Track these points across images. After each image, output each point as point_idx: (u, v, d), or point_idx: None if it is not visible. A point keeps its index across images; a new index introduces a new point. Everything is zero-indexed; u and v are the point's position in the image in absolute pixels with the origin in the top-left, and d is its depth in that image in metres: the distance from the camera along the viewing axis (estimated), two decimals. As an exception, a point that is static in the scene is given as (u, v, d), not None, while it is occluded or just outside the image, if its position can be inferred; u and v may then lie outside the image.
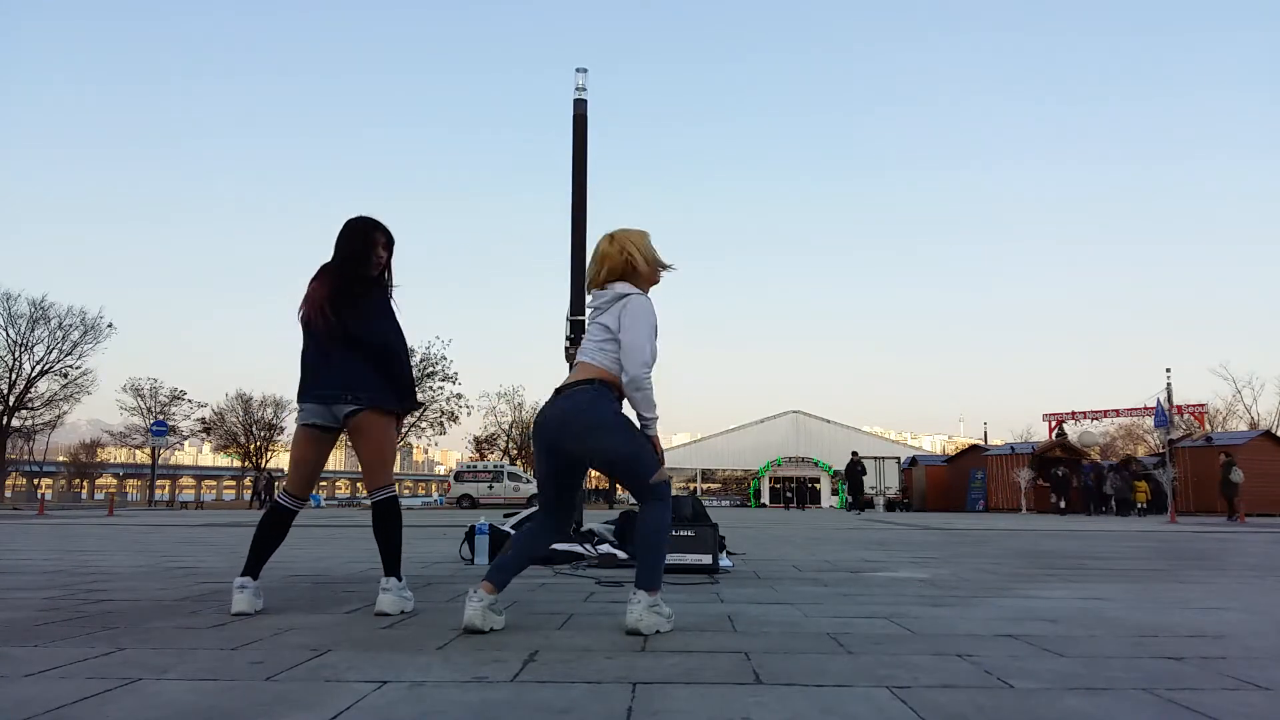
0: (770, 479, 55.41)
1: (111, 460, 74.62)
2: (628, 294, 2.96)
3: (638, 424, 2.93)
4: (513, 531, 5.76)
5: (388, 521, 3.35)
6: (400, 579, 3.31)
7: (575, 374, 2.96)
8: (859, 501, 26.15)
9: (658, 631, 2.79)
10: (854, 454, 26.52)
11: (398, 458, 3.62)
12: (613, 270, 3.03)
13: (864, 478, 26.62)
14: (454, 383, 43.18)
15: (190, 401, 48.33)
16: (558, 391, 2.95)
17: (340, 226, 3.47)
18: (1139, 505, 25.95)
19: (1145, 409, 33.92)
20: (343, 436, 3.45)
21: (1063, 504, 25.59)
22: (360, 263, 3.40)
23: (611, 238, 3.08)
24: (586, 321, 3.06)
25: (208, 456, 73.94)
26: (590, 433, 2.84)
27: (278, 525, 3.34)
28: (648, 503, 2.89)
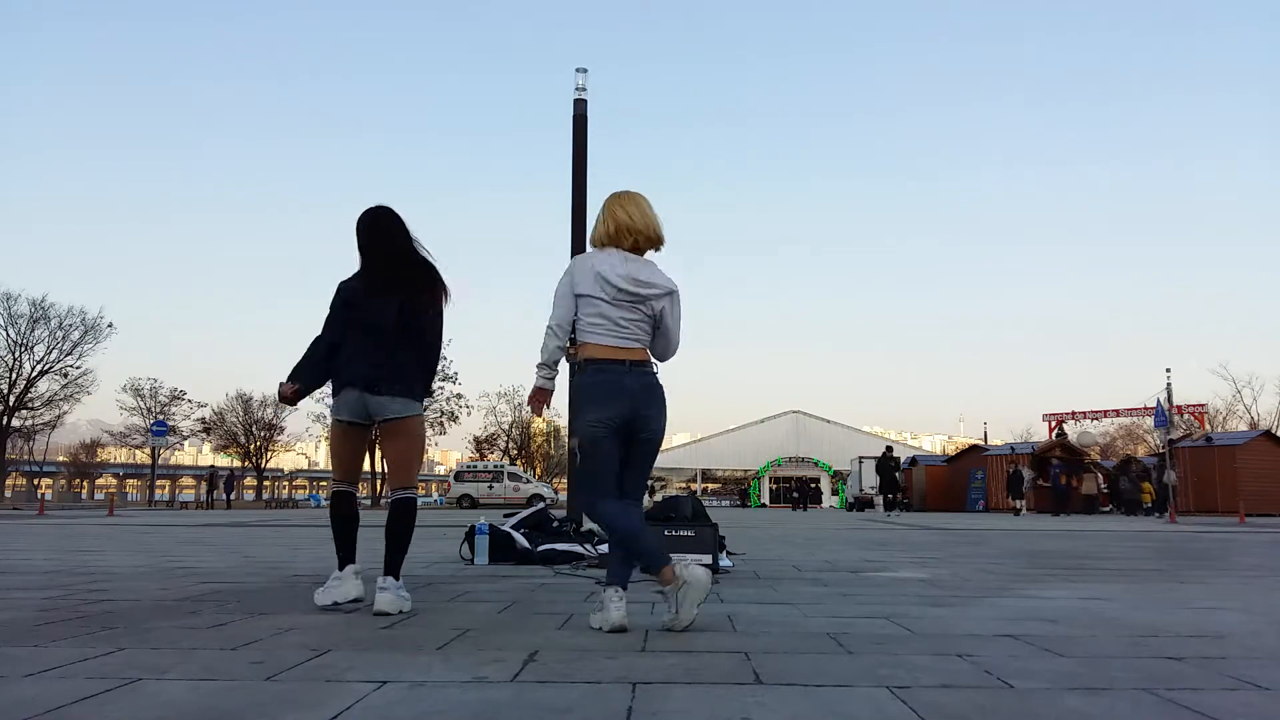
0: (770, 479, 55.43)
1: (111, 460, 74.58)
2: (674, 289, 3.08)
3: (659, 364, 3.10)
4: (513, 532, 5.75)
5: (401, 521, 3.39)
6: (398, 579, 3.32)
7: (633, 353, 2.97)
8: (895, 500, 23.41)
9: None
10: (888, 448, 24.09)
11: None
12: (653, 242, 3.11)
13: (898, 474, 23.74)
14: (454, 383, 43.16)
15: (190, 401, 48.33)
16: (621, 364, 2.94)
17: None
18: (1145, 505, 25.85)
19: (1145, 409, 33.97)
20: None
21: (1018, 505, 24.45)
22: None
23: (645, 204, 3.12)
24: (621, 286, 2.94)
25: (208, 456, 73.92)
26: (661, 411, 2.99)
27: (347, 511, 3.50)
28: (640, 498, 3.07)
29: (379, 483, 41.91)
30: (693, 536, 4.93)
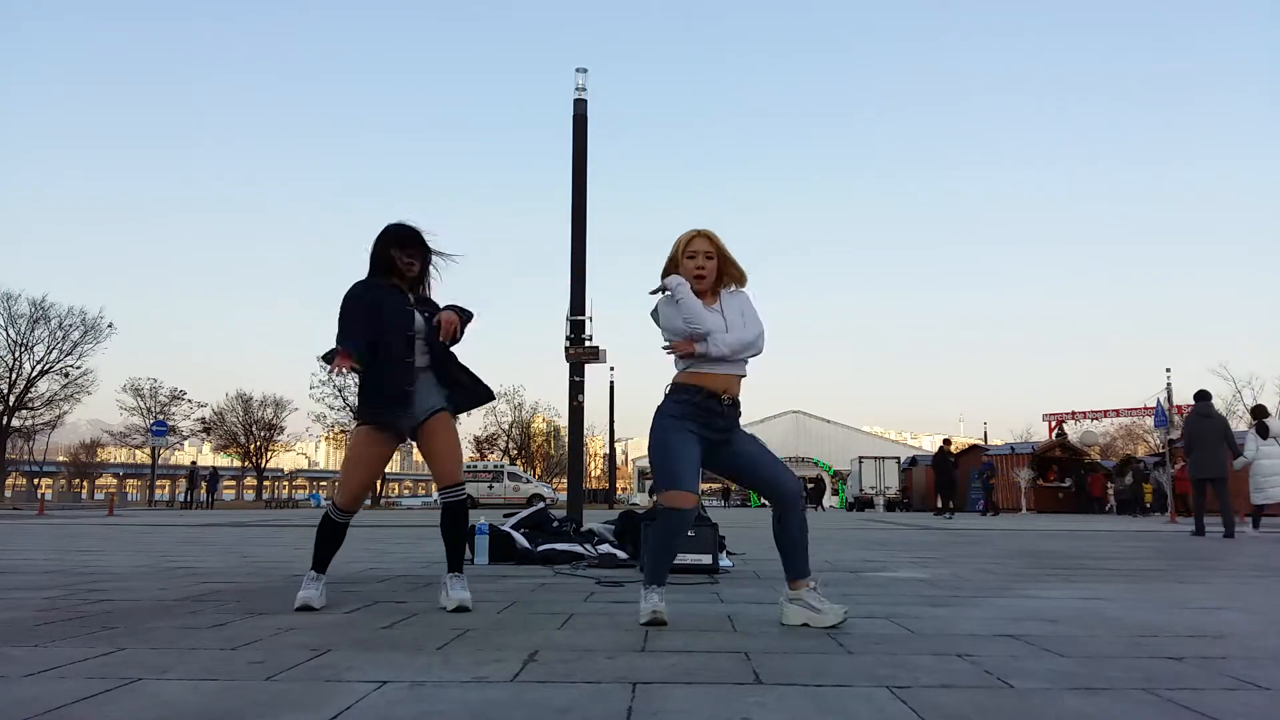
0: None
1: (111, 460, 74.61)
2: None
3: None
4: (513, 532, 5.76)
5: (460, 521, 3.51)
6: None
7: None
8: (948, 503, 20.35)
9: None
10: (945, 441, 21.82)
11: (398, 458, 3.75)
12: None
13: (956, 472, 20.82)
14: (454, 383, 43.08)
15: (190, 401, 48.36)
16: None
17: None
18: (1146, 504, 25.91)
19: (1145, 409, 33.95)
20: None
21: (950, 504, 24.52)
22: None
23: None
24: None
25: (208, 456, 74.02)
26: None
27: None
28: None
29: (379, 483, 41.91)
30: (693, 536, 4.92)
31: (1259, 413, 11.02)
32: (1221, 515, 9.98)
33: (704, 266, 3.11)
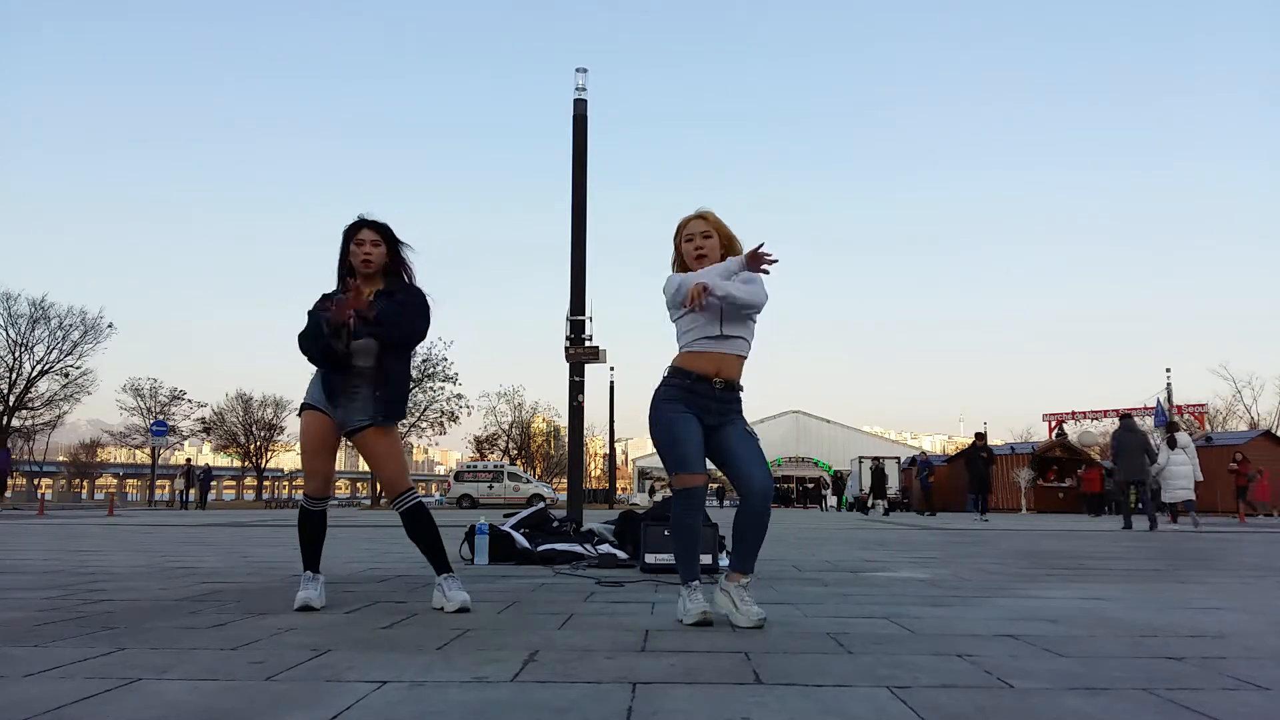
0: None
1: (111, 460, 74.66)
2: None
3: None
4: (513, 532, 5.75)
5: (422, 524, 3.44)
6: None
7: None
8: (984, 502, 18.61)
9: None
10: (978, 436, 20.02)
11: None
12: None
13: (991, 469, 19.31)
14: (454, 383, 43.13)
15: (190, 401, 48.33)
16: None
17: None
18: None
19: (1145, 409, 33.97)
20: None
21: (881, 504, 24.64)
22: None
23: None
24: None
25: (208, 456, 74.04)
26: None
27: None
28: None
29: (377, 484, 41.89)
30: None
31: (1172, 428, 13.84)
32: (1142, 511, 12.56)
33: (703, 246, 3.14)
